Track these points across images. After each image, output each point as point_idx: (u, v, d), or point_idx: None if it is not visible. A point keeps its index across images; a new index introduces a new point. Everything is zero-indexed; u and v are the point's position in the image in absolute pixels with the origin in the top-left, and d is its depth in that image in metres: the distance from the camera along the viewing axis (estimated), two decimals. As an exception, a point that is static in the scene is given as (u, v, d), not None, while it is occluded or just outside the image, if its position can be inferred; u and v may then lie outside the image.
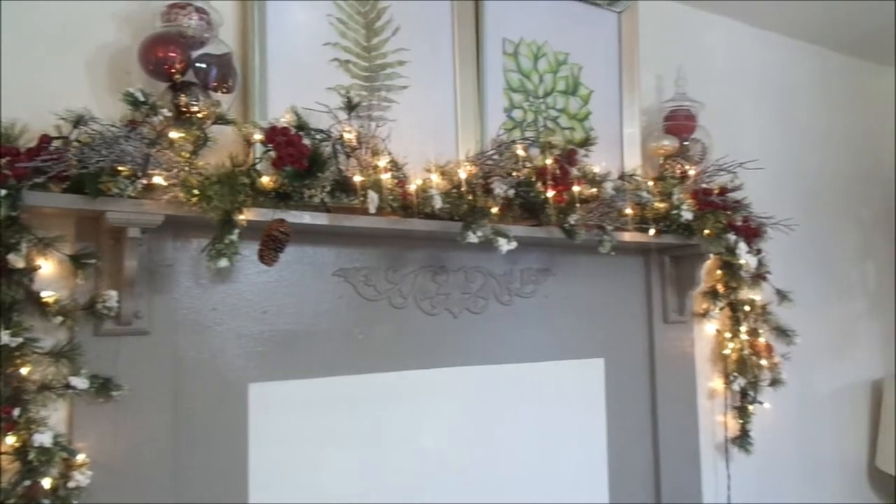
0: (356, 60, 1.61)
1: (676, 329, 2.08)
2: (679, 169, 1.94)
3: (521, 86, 1.86)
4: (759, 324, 2.13)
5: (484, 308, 1.78)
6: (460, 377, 1.74)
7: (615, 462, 1.95)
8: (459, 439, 1.73)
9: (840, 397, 2.51)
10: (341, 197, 1.40)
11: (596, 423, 1.95)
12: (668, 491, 2.01)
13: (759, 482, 2.24)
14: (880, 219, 2.75)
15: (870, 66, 2.80)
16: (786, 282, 2.17)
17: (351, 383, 1.60)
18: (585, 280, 1.95)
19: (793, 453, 2.34)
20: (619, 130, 2.01)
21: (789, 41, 2.54)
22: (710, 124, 2.08)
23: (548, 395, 1.87)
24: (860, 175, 2.71)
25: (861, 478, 2.55)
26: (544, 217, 1.63)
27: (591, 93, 1.98)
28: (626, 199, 1.72)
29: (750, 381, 2.10)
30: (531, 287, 1.86)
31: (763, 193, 2.22)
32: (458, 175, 1.52)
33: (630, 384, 2.01)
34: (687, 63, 2.13)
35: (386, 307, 1.64)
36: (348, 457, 1.58)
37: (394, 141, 1.56)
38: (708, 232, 1.83)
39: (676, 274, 2.05)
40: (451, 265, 1.73)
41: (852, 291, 2.62)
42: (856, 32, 2.52)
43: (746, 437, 2.12)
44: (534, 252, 1.86)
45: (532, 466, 1.83)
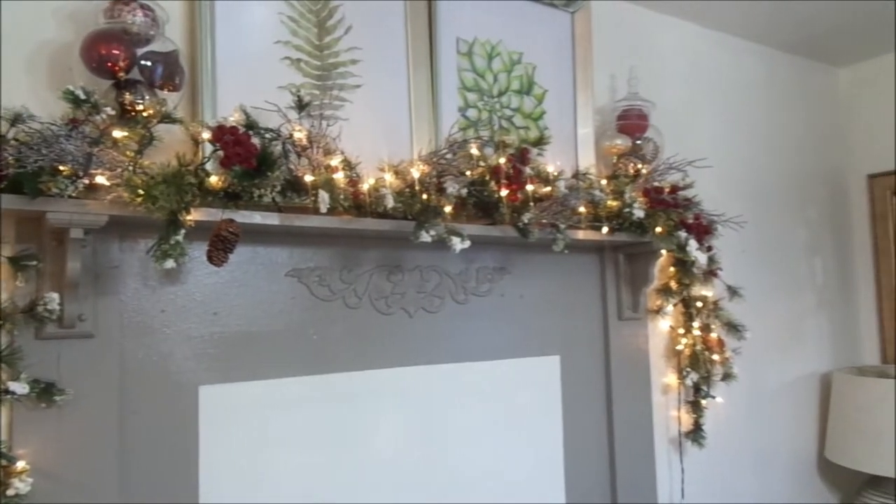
0: (308, 59, 1.60)
1: (631, 326, 2.11)
2: (632, 168, 1.97)
3: (476, 85, 1.87)
4: (711, 319, 2.17)
5: (440, 307, 1.78)
6: (416, 376, 1.74)
7: (571, 458, 1.97)
8: (415, 439, 1.73)
9: (790, 390, 2.58)
10: (293, 196, 1.39)
11: (552, 420, 1.96)
12: (623, 486, 2.04)
13: (711, 475, 2.28)
14: (827, 216, 2.83)
15: (817, 65, 2.87)
16: (737, 278, 2.22)
17: (305, 384, 1.59)
18: (541, 278, 1.96)
19: (744, 446, 2.40)
20: (573, 129, 2.03)
21: (740, 42, 2.60)
22: (663, 123, 2.11)
23: (504, 392, 1.89)
24: (809, 174, 2.78)
25: (811, 469, 2.62)
26: (498, 216, 1.64)
27: (545, 92, 2.00)
28: (579, 197, 1.74)
29: (703, 375, 2.14)
30: (487, 286, 1.87)
31: (714, 192, 2.27)
32: (411, 174, 1.52)
33: (586, 381, 2.03)
34: (640, 63, 2.16)
35: (340, 307, 1.63)
36: (302, 458, 1.57)
37: (347, 140, 1.55)
38: (660, 230, 1.86)
39: (630, 271, 2.08)
40: (406, 264, 1.73)
41: (801, 287, 2.69)
42: (803, 33, 2.59)
43: (699, 431, 2.16)
44: (489, 251, 1.87)
45: (489, 464, 1.84)
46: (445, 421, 1.78)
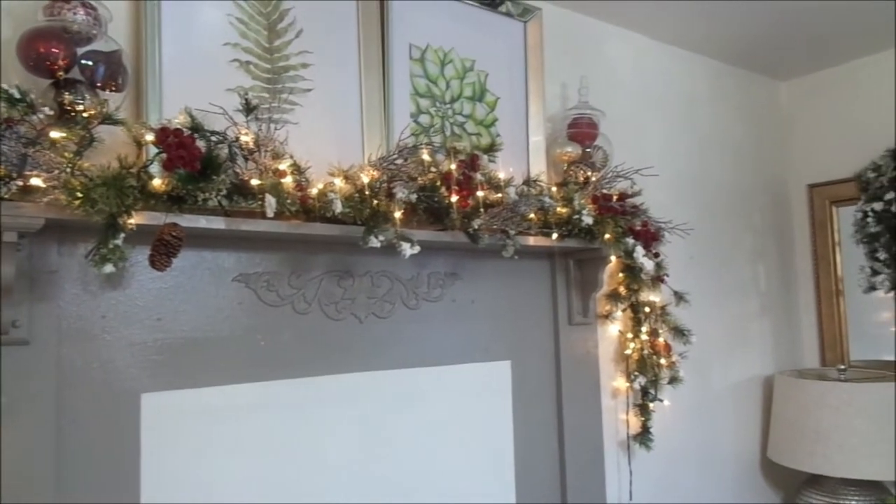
0: (257, 62, 1.58)
1: (581, 330, 2.14)
2: (581, 175, 2.00)
3: (428, 91, 1.88)
4: (659, 324, 2.21)
5: (391, 312, 1.78)
6: (366, 382, 1.73)
7: (521, 462, 1.99)
8: (365, 445, 1.72)
9: (735, 393, 2.65)
10: (239, 200, 1.37)
11: (503, 425, 1.98)
12: (573, 489, 2.06)
13: (659, 476, 2.33)
14: (771, 224, 2.92)
15: (761, 79, 2.97)
16: (685, 284, 2.27)
17: (253, 391, 1.57)
18: (492, 283, 1.98)
19: (691, 448, 2.45)
20: (525, 137, 2.05)
21: (687, 54, 2.67)
22: (613, 132, 2.15)
23: (455, 398, 1.89)
24: (753, 183, 2.87)
25: (754, 468, 2.69)
26: (449, 222, 1.64)
27: (497, 99, 2.02)
28: (529, 204, 1.76)
29: (650, 379, 2.18)
30: (438, 291, 1.87)
31: (663, 199, 2.33)
32: (361, 179, 1.51)
33: (536, 385, 2.05)
34: (590, 72, 2.20)
35: (289, 313, 1.62)
36: (250, 467, 1.55)
37: (297, 144, 1.54)
38: (608, 236, 1.90)
39: (580, 277, 2.11)
40: (356, 270, 1.72)
41: (746, 292, 2.77)
42: (748, 48, 2.67)
43: (647, 433, 2.20)
44: (441, 256, 1.87)
45: (440, 469, 1.84)
46: (396, 427, 1.78)
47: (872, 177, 2.60)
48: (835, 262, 2.87)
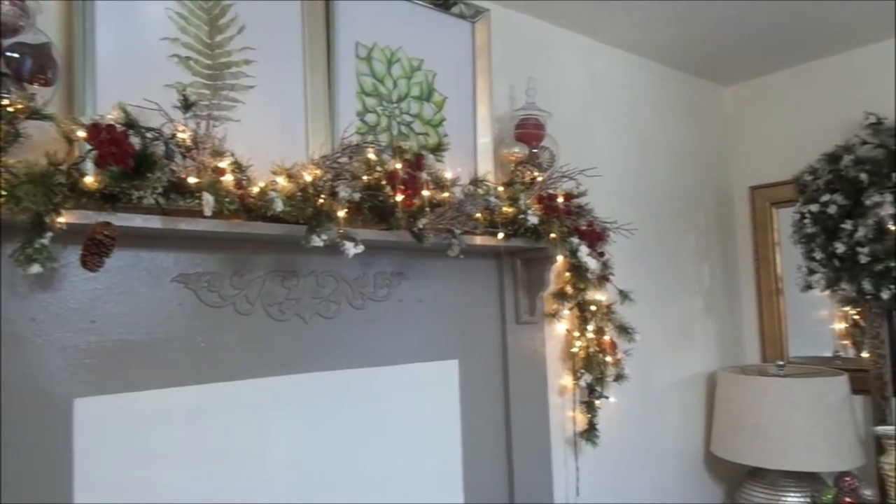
0: (198, 58, 1.55)
1: (528, 329, 2.15)
2: (528, 175, 2.02)
3: (375, 90, 1.87)
4: (605, 323, 2.24)
5: (336, 313, 1.76)
6: (312, 383, 1.71)
7: (469, 460, 1.99)
8: (311, 448, 1.71)
9: (679, 389, 2.71)
10: (177, 199, 1.34)
11: (450, 423, 1.98)
12: (520, 486, 2.08)
13: (605, 472, 2.36)
14: (714, 225, 2.99)
15: (706, 84, 3.04)
16: (631, 282, 2.31)
17: (193, 394, 1.53)
18: (440, 283, 1.98)
19: (636, 443, 2.50)
20: (472, 137, 2.06)
21: (634, 58, 2.72)
22: (561, 134, 2.18)
23: (403, 397, 1.89)
24: (697, 184, 2.94)
25: (698, 463, 2.75)
26: (394, 221, 1.63)
27: (445, 99, 2.02)
28: (475, 203, 1.76)
29: (596, 377, 2.21)
30: (385, 291, 1.86)
31: (610, 200, 2.36)
32: (303, 178, 1.50)
33: (484, 384, 2.06)
34: (538, 74, 2.22)
35: (231, 314, 1.59)
36: (191, 472, 1.51)
37: (239, 142, 1.51)
38: (554, 236, 1.92)
39: (527, 276, 2.12)
40: (301, 270, 1.70)
41: (690, 291, 2.83)
42: (693, 53, 2.73)
43: (594, 430, 2.23)
44: (388, 256, 1.86)
45: (387, 469, 1.83)
46: (342, 428, 1.76)
47: (809, 180, 2.68)
48: (775, 262, 2.96)
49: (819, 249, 2.59)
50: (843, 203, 2.52)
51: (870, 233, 2.42)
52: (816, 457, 2.38)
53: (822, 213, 2.58)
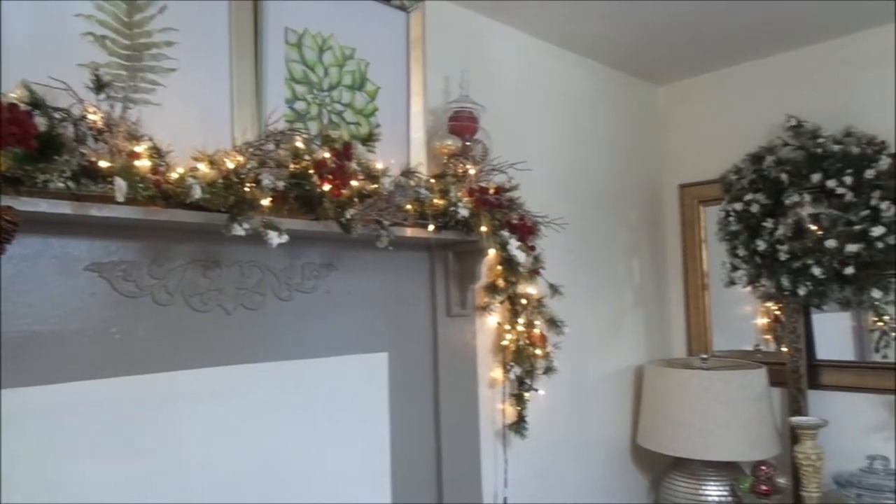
0: (115, 37, 1.48)
1: (459, 322, 2.16)
2: (460, 168, 2.02)
3: (305, 77, 1.83)
4: (535, 316, 2.27)
5: (261, 304, 1.73)
6: (234, 376, 1.67)
7: (398, 453, 1.98)
8: (232, 442, 1.66)
9: (608, 382, 2.76)
10: (88, 184, 1.28)
11: (379, 416, 1.96)
12: (449, 478, 2.09)
13: (534, 464, 2.39)
14: (645, 221, 3.06)
15: (639, 82, 3.10)
16: (563, 276, 2.34)
17: (107, 387, 1.47)
18: (370, 275, 1.96)
19: (565, 435, 2.54)
20: (405, 128, 2.04)
21: (570, 55, 2.75)
22: (495, 127, 2.18)
23: (330, 390, 1.86)
24: (630, 181, 3.00)
25: (625, 454, 2.82)
26: (321, 211, 1.61)
27: (378, 89, 1.99)
28: (405, 195, 1.75)
29: (526, 369, 2.23)
30: (313, 282, 1.83)
31: (544, 195, 2.39)
32: (226, 165, 1.45)
33: (414, 377, 2.05)
34: (473, 67, 2.22)
35: (148, 304, 1.53)
36: (103, 468, 1.46)
37: (159, 126, 1.45)
38: (484, 229, 1.92)
39: (459, 269, 2.13)
40: (224, 259, 1.66)
41: (620, 286, 2.90)
42: (628, 52, 2.78)
43: (522, 422, 2.25)
44: (316, 247, 1.83)
45: (314, 463, 1.81)
46: (266, 421, 1.73)
47: (734, 179, 2.77)
48: (701, 258, 3.05)
49: (742, 247, 2.69)
50: (765, 202, 2.62)
51: (789, 231, 2.52)
52: (736, 447, 2.47)
53: (745, 212, 2.67)
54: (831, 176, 2.45)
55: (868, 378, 2.56)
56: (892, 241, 2.32)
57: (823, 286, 2.46)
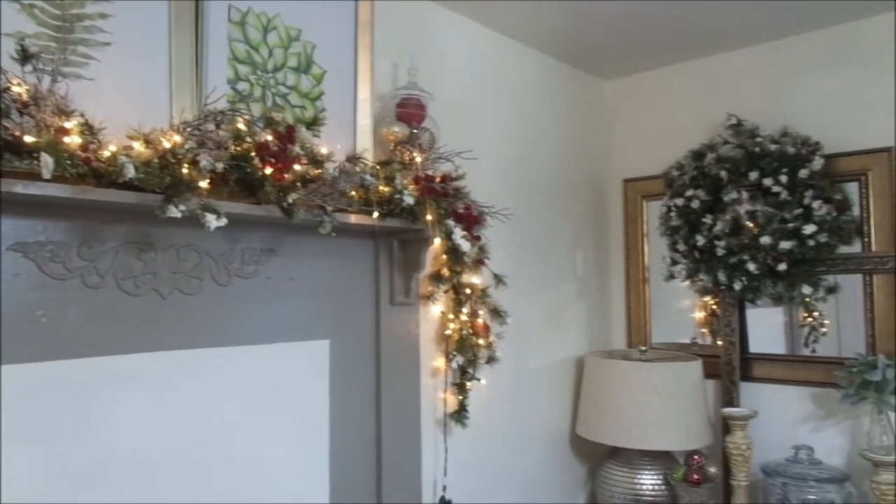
0: (44, 6, 1.41)
1: (402, 311, 2.15)
2: (407, 155, 2.00)
3: (249, 57, 1.78)
4: (479, 305, 2.28)
5: (198, 289, 1.68)
6: (168, 362, 1.63)
7: (337, 441, 1.97)
8: (167, 431, 1.62)
9: (549, 373, 2.80)
10: (12, 159, 1.22)
11: (318, 405, 1.94)
12: (388, 467, 2.08)
13: (474, 453, 2.41)
14: (590, 214, 3.11)
15: (587, 77, 3.14)
16: (508, 267, 2.36)
17: (31, 372, 1.41)
18: (312, 261, 1.93)
19: (506, 424, 2.56)
20: (352, 113, 2.01)
21: (520, 46, 2.75)
22: (444, 116, 2.17)
23: (269, 378, 1.83)
24: (576, 175, 3.03)
25: (564, 444, 2.86)
26: (262, 195, 1.57)
27: (324, 73, 1.96)
28: (349, 180, 1.73)
29: (469, 359, 2.24)
30: (253, 267, 1.80)
31: (491, 186, 2.39)
32: (162, 144, 1.41)
33: (355, 365, 2.04)
34: (422, 54, 2.20)
35: (78, 287, 1.48)
36: (27, 455, 1.40)
37: (92, 102, 1.40)
38: (430, 217, 1.91)
39: (403, 258, 2.11)
40: (160, 242, 1.61)
41: (564, 277, 2.93)
42: (576, 46, 2.81)
43: (464, 411, 2.26)
44: (257, 231, 1.80)
45: (250, 451, 1.78)
46: (201, 410, 1.69)
47: (676, 175, 2.84)
48: (643, 252, 3.11)
49: (682, 241, 2.76)
50: (705, 198, 2.69)
51: (727, 227, 2.60)
52: (671, 437, 2.53)
53: (686, 207, 2.74)
54: (768, 175, 2.53)
55: (797, 371, 2.66)
56: (822, 239, 2.42)
57: (758, 281, 2.54)
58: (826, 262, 2.49)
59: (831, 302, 2.61)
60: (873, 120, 2.48)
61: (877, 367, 2.20)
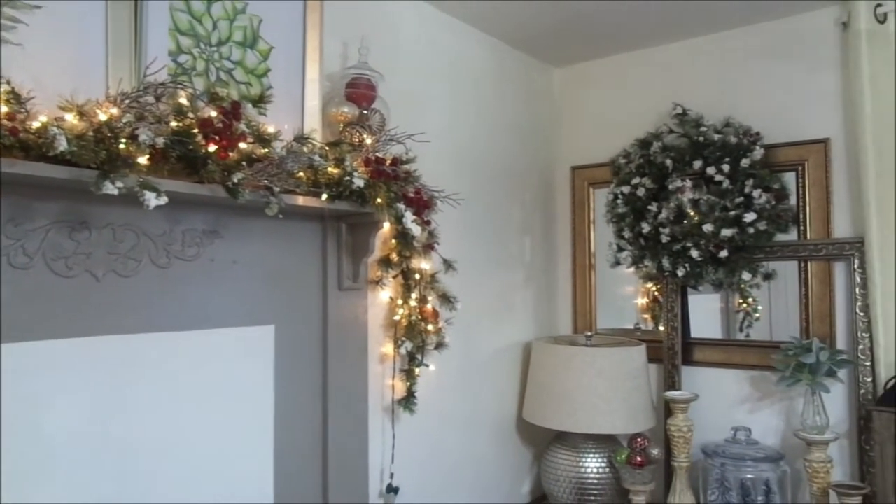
0: (-34, -37, 1.31)
1: (350, 296, 2.11)
2: (357, 137, 1.95)
3: (192, 29, 1.70)
4: (428, 291, 2.25)
5: (136, 271, 1.60)
6: (102, 348, 1.55)
7: (282, 429, 1.92)
8: (100, 420, 1.54)
9: (497, 358, 2.80)
10: (-71, 128, 1.13)
11: (263, 391, 1.89)
12: (335, 455, 2.04)
13: (421, 439, 2.39)
14: (538, 201, 3.12)
15: (538, 63, 3.14)
16: (457, 252, 2.34)
17: (-49, 358, 1.32)
18: (258, 244, 1.87)
19: (454, 410, 2.55)
20: (300, 92, 1.94)
21: (472, 31, 2.73)
22: (394, 98, 2.13)
23: (210, 364, 1.76)
24: (525, 161, 3.03)
25: (511, 429, 2.88)
26: (206, 173, 1.50)
27: (271, 49, 1.89)
28: (298, 161, 1.67)
29: (417, 345, 2.22)
30: (195, 249, 1.72)
31: (443, 169, 2.37)
32: (98, 116, 1.33)
33: (301, 351, 1.99)
34: (373, 34, 2.15)
35: (4, 267, 1.38)
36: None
37: (20, 70, 1.32)
38: (380, 200, 1.87)
39: (352, 241, 2.07)
40: (95, 221, 1.52)
41: (513, 263, 2.94)
42: (527, 32, 2.80)
43: (412, 398, 2.24)
44: (199, 212, 1.72)
45: (191, 443, 1.71)
46: (137, 398, 1.61)
47: (623, 163, 2.87)
48: (590, 239, 3.14)
49: (628, 228, 2.79)
50: (650, 186, 2.73)
51: (671, 215, 2.64)
52: (616, 421, 2.57)
53: (632, 195, 2.78)
54: (711, 163, 2.59)
55: (734, 355, 2.74)
56: (762, 227, 2.48)
57: (700, 268, 2.60)
58: (764, 250, 2.56)
59: (765, 288, 2.70)
60: (811, 112, 2.56)
61: (811, 351, 2.28)
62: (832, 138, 2.52)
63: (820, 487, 2.27)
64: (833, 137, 2.52)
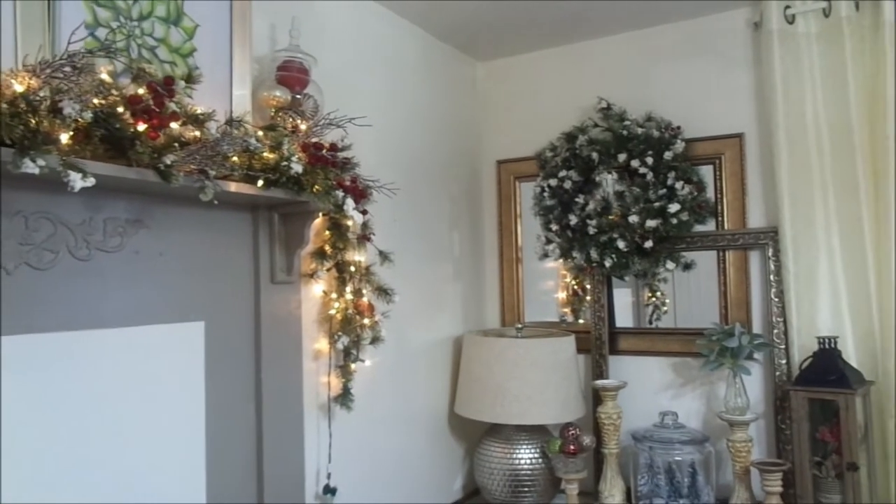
0: None
1: (283, 290, 2.01)
2: (290, 123, 1.87)
3: (110, 1, 1.57)
4: (363, 284, 2.19)
5: (52, 263, 1.45)
6: (16, 348, 1.39)
7: (213, 431, 1.80)
8: (14, 425, 1.39)
9: (429, 352, 2.76)
10: None
11: (193, 391, 1.76)
12: (270, 456, 1.94)
13: (358, 436, 2.31)
14: (466, 194, 3.11)
15: (463, 57, 3.13)
16: (388, 245, 2.28)
17: None
18: (186, 235, 1.75)
19: (389, 405, 2.49)
20: (228, 74, 1.83)
21: (403, 21, 2.68)
22: (325, 84, 2.05)
23: (135, 364, 1.63)
24: (453, 154, 3.02)
25: (443, 423, 2.85)
26: (134, 155, 1.38)
27: (196, 27, 1.77)
28: (233, 143, 1.57)
29: (353, 340, 2.14)
30: (118, 240, 1.59)
31: (372, 159, 2.30)
32: (13, 88, 1.19)
33: (233, 348, 1.88)
34: (303, 17, 2.06)
35: None
36: None
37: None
38: (317, 188, 1.79)
39: (285, 233, 1.97)
40: (4, 208, 1.36)
41: (442, 256, 2.91)
42: (454, 25, 2.78)
43: (348, 394, 2.16)
44: (122, 199, 1.59)
45: (114, 448, 1.57)
46: (55, 400, 1.46)
47: (549, 156, 2.91)
48: (516, 233, 3.16)
49: (555, 221, 2.83)
50: (577, 179, 2.78)
51: (598, 207, 2.70)
52: (549, 411, 2.59)
53: (559, 188, 2.82)
54: (635, 156, 2.66)
55: (657, 343, 2.83)
56: (685, 218, 2.57)
57: (626, 258, 2.66)
58: (686, 240, 2.65)
59: (679, 279, 2.80)
60: (727, 108, 2.68)
61: (734, 335, 2.38)
62: (746, 133, 2.64)
63: (742, 466, 2.37)
64: (747, 132, 2.64)
